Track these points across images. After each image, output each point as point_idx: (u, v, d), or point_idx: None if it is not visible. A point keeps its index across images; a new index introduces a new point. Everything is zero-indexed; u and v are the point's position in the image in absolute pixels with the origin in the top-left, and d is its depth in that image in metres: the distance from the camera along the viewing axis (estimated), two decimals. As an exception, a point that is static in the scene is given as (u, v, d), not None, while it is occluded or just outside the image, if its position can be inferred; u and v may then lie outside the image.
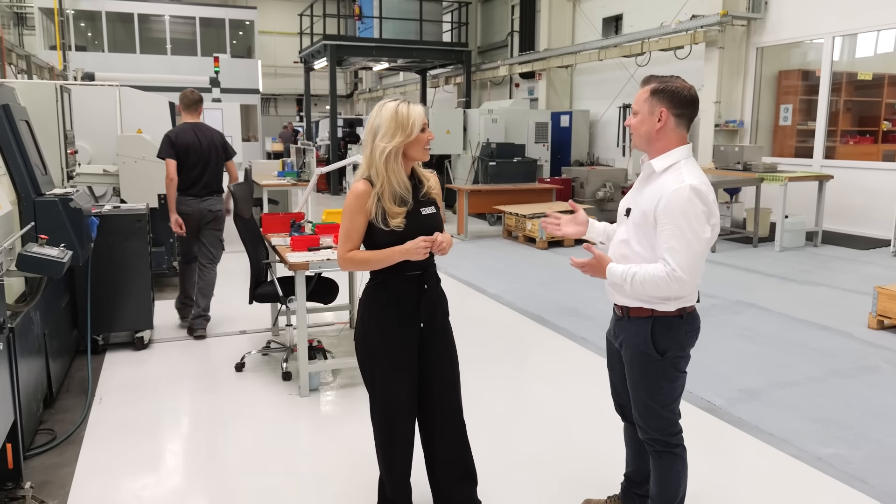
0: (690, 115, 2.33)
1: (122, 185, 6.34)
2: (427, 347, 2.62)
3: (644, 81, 2.38)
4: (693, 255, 2.20)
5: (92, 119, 7.08)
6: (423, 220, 2.54)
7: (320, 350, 4.57)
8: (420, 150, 2.51)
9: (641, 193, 2.38)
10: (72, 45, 21.90)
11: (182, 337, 5.29)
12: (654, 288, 2.24)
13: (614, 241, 2.46)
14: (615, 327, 2.52)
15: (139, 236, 4.89)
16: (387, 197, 2.45)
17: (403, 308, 2.55)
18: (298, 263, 3.92)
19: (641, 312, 2.37)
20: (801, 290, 6.72)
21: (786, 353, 4.89)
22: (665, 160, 2.32)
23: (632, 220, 2.37)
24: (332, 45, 15.74)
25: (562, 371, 4.67)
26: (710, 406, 3.99)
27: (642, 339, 2.35)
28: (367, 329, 2.58)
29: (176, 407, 4.03)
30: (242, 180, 4.67)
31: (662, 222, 2.23)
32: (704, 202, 2.22)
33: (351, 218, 2.47)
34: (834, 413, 3.89)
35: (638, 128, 2.36)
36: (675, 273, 2.19)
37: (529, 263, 8.12)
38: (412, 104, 2.49)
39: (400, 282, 2.54)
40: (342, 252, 2.51)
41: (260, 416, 3.92)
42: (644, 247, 2.32)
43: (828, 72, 9.84)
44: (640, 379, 2.40)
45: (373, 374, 2.59)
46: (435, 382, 2.65)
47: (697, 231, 2.20)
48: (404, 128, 2.44)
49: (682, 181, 2.23)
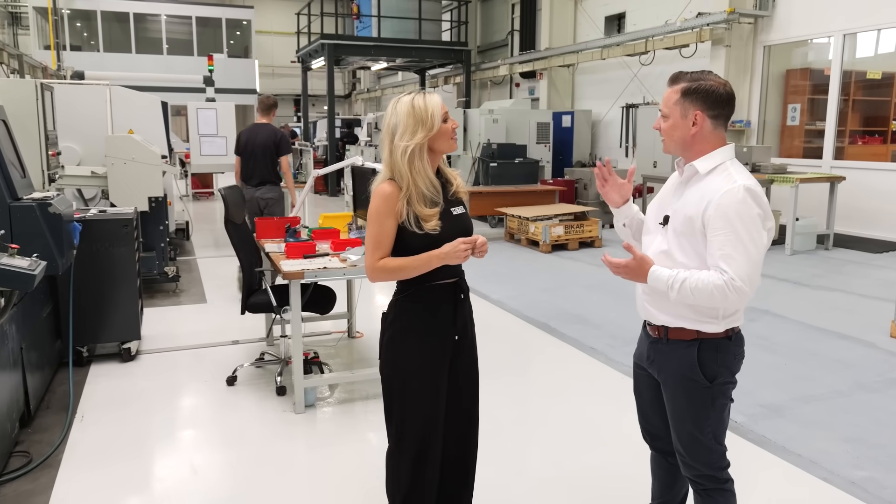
0: (728, 115, 2.09)
1: (111, 188, 6.09)
2: (456, 359, 2.41)
3: (672, 79, 2.12)
4: (752, 262, 1.96)
5: (82, 119, 6.85)
6: (455, 220, 2.32)
7: (317, 363, 4.33)
8: (447, 141, 2.29)
9: (683, 198, 2.11)
10: (67, 45, 21.65)
11: (172, 347, 5.04)
12: (708, 297, 1.97)
13: (649, 253, 2.17)
14: (649, 351, 2.24)
15: (126, 242, 4.64)
16: (415, 200, 2.22)
17: (441, 320, 2.32)
18: (293, 272, 3.67)
19: (684, 335, 2.11)
20: (815, 295, 6.48)
21: (806, 365, 4.65)
22: (709, 161, 2.08)
23: (672, 228, 2.11)
24: (330, 44, 15.50)
25: (571, 384, 4.43)
26: (731, 424, 3.74)
27: (688, 366, 2.10)
28: (401, 348, 2.31)
29: (162, 425, 3.78)
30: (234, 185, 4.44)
31: (714, 227, 1.97)
32: (760, 204, 1.99)
33: (380, 222, 2.23)
34: (864, 431, 3.65)
35: (670, 133, 2.11)
36: (733, 283, 1.94)
37: (533, 268, 7.88)
38: (428, 94, 2.26)
39: (435, 291, 2.31)
40: (372, 261, 2.25)
41: (252, 435, 3.68)
42: (689, 256, 2.06)
43: (838, 71, 9.61)
44: (686, 409, 2.14)
45: (405, 397, 2.32)
46: (463, 395, 2.46)
47: (754, 236, 1.96)
48: (424, 122, 2.21)
49: (734, 181, 1.99)
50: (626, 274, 2.10)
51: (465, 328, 2.41)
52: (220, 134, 8.47)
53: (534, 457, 3.45)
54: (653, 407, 2.29)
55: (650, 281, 2.07)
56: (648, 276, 2.06)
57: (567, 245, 8.88)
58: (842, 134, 9.94)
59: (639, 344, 2.35)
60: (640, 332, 2.34)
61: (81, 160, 6.88)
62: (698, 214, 2.01)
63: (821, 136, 10.00)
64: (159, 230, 6.57)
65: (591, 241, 9.05)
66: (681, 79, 2.09)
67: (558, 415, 3.94)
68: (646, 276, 2.07)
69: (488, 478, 3.10)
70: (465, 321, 2.41)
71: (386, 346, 2.35)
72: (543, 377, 4.62)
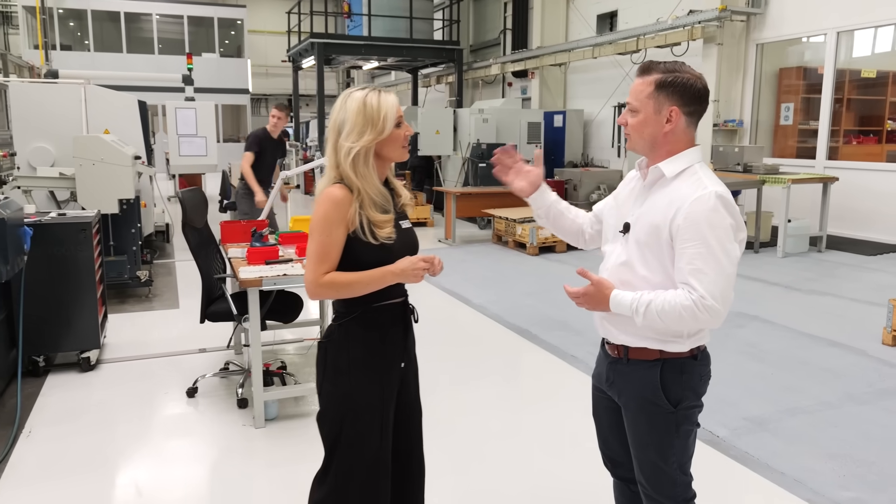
0: (702, 112, 1.89)
1: (79, 190, 5.88)
2: (409, 387, 2.21)
3: (643, 70, 1.90)
4: (724, 277, 1.76)
5: (55, 119, 6.67)
6: (406, 234, 2.12)
7: (279, 374, 4.14)
8: (397, 149, 2.06)
9: (646, 203, 1.90)
10: (57, 45, 21.44)
11: (136, 356, 4.84)
12: (677, 320, 1.78)
13: (608, 265, 1.98)
14: (608, 372, 2.04)
15: (84, 247, 4.44)
16: (367, 205, 2.00)
17: (391, 346, 2.09)
18: (250, 279, 3.48)
19: (646, 354, 1.91)
20: (807, 300, 6.29)
21: (794, 374, 4.46)
22: (676, 164, 1.87)
23: (634, 237, 1.90)
24: (320, 43, 15.28)
25: (548, 395, 4.23)
26: (713, 438, 3.56)
27: (650, 389, 1.90)
28: (348, 381, 2.02)
29: (113, 441, 3.58)
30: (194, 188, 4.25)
31: (683, 238, 1.78)
32: (732, 213, 1.79)
33: (328, 231, 1.96)
34: (852, 447, 3.46)
35: (640, 129, 1.89)
36: (704, 301, 1.74)
37: (519, 271, 7.69)
38: (384, 93, 2.03)
39: (384, 312, 2.07)
40: (315, 276, 1.96)
41: (208, 451, 3.49)
42: (652, 269, 1.86)
43: (831, 69, 9.44)
44: (648, 436, 1.94)
45: (351, 436, 2.04)
46: (410, 425, 2.24)
47: (727, 247, 1.77)
48: (374, 123, 1.98)
49: (705, 187, 1.79)
50: (587, 303, 1.91)
51: (412, 354, 2.21)
52: (200, 134, 8.29)
53: (504, 471, 3.26)
54: (613, 432, 2.10)
55: (613, 308, 1.87)
56: (610, 303, 1.87)
57: (555, 247, 8.69)
58: (836, 134, 9.77)
59: (597, 364, 2.15)
60: (599, 351, 2.15)
61: (55, 161, 6.70)
62: (665, 223, 1.81)
63: (814, 135, 9.82)
64: (131, 233, 6.37)
65: (580, 243, 8.84)
66: (653, 69, 1.88)
67: (532, 427, 3.75)
68: (608, 303, 1.88)
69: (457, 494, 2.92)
70: (412, 346, 2.21)
71: (329, 379, 2.06)
72: (518, 387, 4.43)
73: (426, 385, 2.34)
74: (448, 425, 3.75)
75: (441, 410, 3.93)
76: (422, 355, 2.39)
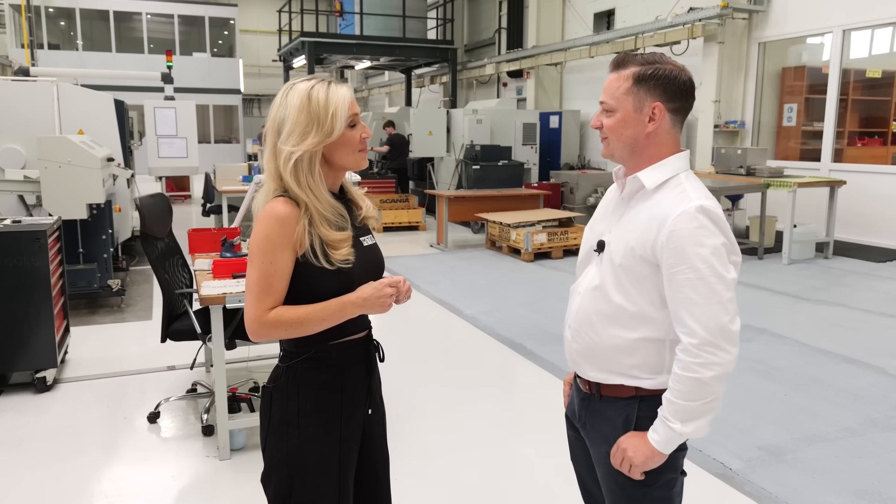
0: (688, 110, 1.63)
1: (45, 194, 5.52)
2: (374, 439, 1.85)
3: (618, 64, 1.62)
4: (721, 306, 1.48)
5: (26, 119, 6.32)
6: (367, 253, 1.73)
7: (246, 399, 3.78)
8: (351, 154, 1.68)
9: (623, 219, 1.64)
10: (44, 44, 21.06)
11: (98, 374, 4.48)
12: (699, 384, 1.49)
13: (581, 289, 1.71)
14: (579, 408, 1.75)
15: (39, 257, 4.08)
16: (317, 221, 1.63)
17: (352, 392, 1.73)
18: (211, 297, 3.13)
19: (620, 391, 1.64)
20: (817, 311, 5.96)
21: (809, 395, 4.12)
22: (658, 173, 1.60)
23: (608, 258, 1.63)
24: (310, 42, 14.93)
25: (540, 420, 3.88)
26: (724, 471, 3.22)
27: (622, 431, 1.62)
28: (301, 436, 1.67)
29: (65, 474, 3.22)
30: (158, 193, 3.90)
31: (668, 263, 1.51)
32: (723, 230, 1.52)
33: (272, 257, 1.59)
34: (879, 481, 3.12)
35: (618, 131, 1.61)
36: (706, 342, 1.47)
37: (512, 279, 7.34)
38: (335, 85, 1.66)
39: (344, 351, 1.71)
40: (257, 313, 1.60)
41: (168, 486, 3.13)
42: (629, 297, 1.59)
43: (836, 69, 9.12)
44: (620, 491, 1.63)
45: (302, 501, 1.70)
46: (378, 486, 1.88)
47: (719, 271, 1.49)
48: (321, 122, 1.61)
49: (689, 200, 1.52)
50: (634, 456, 1.56)
51: (377, 399, 1.85)
52: (180, 135, 7.93)
53: None
54: (591, 474, 1.79)
55: (664, 448, 1.55)
56: (653, 444, 1.55)
57: (550, 253, 8.35)
58: (840, 135, 9.45)
59: (571, 397, 1.85)
60: (573, 383, 1.84)
61: (27, 163, 6.33)
62: (645, 244, 1.55)
63: (818, 137, 9.50)
64: (101, 240, 6.01)
65: (577, 248, 8.50)
66: (629, 62, 1.60)
67: (523, 460, 3.40)
68: (653, 447, 1.55)
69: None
70: (377, 388, 1.86)
71: (275, 432, 1.70)
72: (510, 412, 4.08)
73: (407, 410, 2.01)
74: (426, 461, 3.40)
75: (422, 441, 3.58)
76: (405, 376, 2.05)
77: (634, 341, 1.59)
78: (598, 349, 1.64)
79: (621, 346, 1.61)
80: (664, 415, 1.54)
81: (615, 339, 1.61)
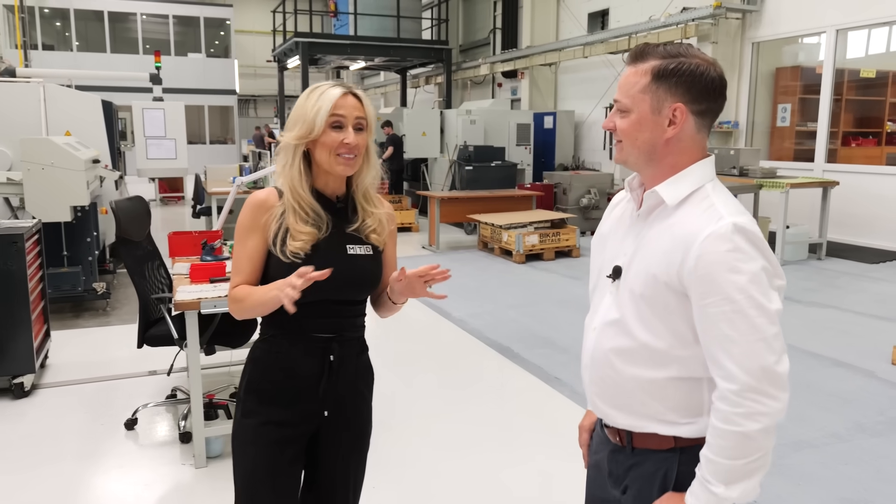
0: (717, 111, 1.41)
1: (27, 196, 5.45)
2: (329, 446, 1.80)
3: (636, 56, 1.39)
4: (764, 344, 1.27)
5: (12, 120, 6.25)
6: (344, 261, 1.70)
7: (223, 406, 3.72)
8: (330, 157, 1.67)
9: (642, 241, 1.41)
10: (38, 44, 20.98)
11: (78, 380, 4.42)
12: (742, 444, 1.27)
13: (596, 323, 1.48)
14: (610, 462, 1.52)
15: (16, 260, 4.02)
16: (288, 210, 1.70)
17: (297, 382, 1.73)
18: (185, 302, 3.07)
19: (657, 442, 1.41)
20: (808, 313, 5.91)
21: (797, 399, 4.07)
22: (680, 186, 1.37)
23: (627, 287, 1.41)
24: (304, 42, 14.87)
25: (525, 423, 3.82)
26: (709, 479, 3.17)
27: (662, 490, 1.40)
28: (240, 409, 1.79)
29: (40, 482, 3.16)
30: (133, 195, 3.84)
31: (699, 293, 1.29)
32: (762, 251, 1.30)
33: (242, 238, 1.73)
34: (867, 489, 3.07)
35: (633, 134, 1.39)
36: (749, 388, 1.26)
37: (503, 280, 7.29)
38: (333, 88, 1.69)
39: (298, 344, 1.72)
40: (229, 289, 1.76)
41: (142, 495, 3.07)
42: (656, 333, 1.37)
43: (830, 69, 9.08)
44: None
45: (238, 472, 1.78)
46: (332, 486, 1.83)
47: (761, 301, 1.27)
48: (304, 120, 1.67)
49: (719, 218, 1.30)
50: None
51: (342, 404, 1.79)
52: (169, 136, 7.86)
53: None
54: None
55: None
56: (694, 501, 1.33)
57: (542, 255, 8.30)
58: (834, 135, 9.41)
59: (594, 443, 1.61)
60: (596, 426, 1.62)
61: (13, 165, 6.27)
62: (670, 271, 1.32)
63: (812, 137, 9.46)
64: (86, 242, 5.95)
65: (569, 250, 8.47)
66: (648, 54, 1.37)
67: (503, 465, 3.35)
68: None
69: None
70: (343, 394, 1.79)
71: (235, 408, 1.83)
72: (491, 414, 4.02)
73: (387, 415, 1.94)
74: (404, 467, 3.34)
75: (403, 445, 3.52)
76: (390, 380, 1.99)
77: (664, 381, 1.37)
78: (622, 393, 1.43)
79: (648, 389, 1.39)
80: (703, 475, 1.31)
81: (640, 380, 1.39)
